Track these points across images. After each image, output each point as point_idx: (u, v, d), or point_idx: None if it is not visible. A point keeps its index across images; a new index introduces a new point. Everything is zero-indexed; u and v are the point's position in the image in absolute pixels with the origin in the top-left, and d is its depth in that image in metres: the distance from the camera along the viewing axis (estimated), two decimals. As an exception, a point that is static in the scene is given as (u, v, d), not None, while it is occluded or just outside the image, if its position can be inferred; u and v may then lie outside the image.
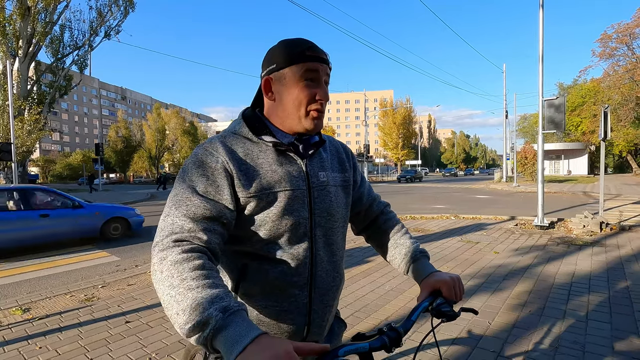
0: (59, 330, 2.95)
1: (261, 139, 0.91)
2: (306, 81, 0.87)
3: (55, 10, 16.37)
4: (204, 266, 0.72)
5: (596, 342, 2.54)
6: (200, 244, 0.76)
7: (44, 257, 5.91)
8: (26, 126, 14.80)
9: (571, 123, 34.75)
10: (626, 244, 5.57)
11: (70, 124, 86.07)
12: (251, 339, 0.60)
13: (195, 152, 0.87)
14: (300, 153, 0.94)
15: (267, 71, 0.91)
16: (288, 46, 0.89)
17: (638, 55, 28.15)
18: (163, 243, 0.75)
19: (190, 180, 0.82)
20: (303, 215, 0.91)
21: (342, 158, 1.07)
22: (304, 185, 0.92)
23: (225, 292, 0.68)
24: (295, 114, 0.89)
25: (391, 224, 1.15)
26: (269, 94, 0.92)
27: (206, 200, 0.81)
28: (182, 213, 0.79)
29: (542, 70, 7.38)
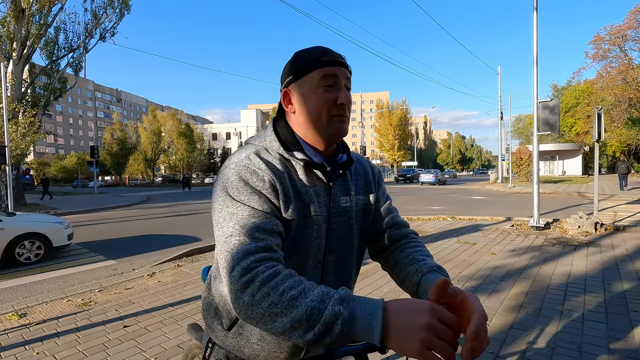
0: (57, 335, 2.93)
1: (292, 155, 0.86)
2: (325, 87, 0.84)
3: (49, 13, 16.27)
4: (291, 274, 0.69)
5: (592, 342, 2.57)
6: (276, 257, 0.73)
7: (39, 261, 5.86)
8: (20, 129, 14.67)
9: (565, 124, 35.07)
10: (621, 244, 5.63)
11: (64, 126, 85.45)
12: (382, 312, 0.60)
13: (235, 169, 0.81)
14: (328, 174, 0.89)
15: (285, 83, 0.88)
16: (302, 55, 0.86)
17: (630, 57, 28.47)
18: (242, 266, 0.68)
19: (243, 198, 0.77)
20: (319, 242, 0.87)
21: (369, 179, 1.02)
22: (325, 211, 0.88)
23: (326, 288, 0.66)
24: (318, 122, 0.85)
25: (413, 249, 0.97)
26: (289, 106, 0.89)
27: (266, 215, 0.77)
28: (249, 231, 0.73)
29: (537, 72, 7.45)
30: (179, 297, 3.79)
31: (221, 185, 0.80)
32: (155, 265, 5.18)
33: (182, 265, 5.09)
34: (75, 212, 13.38)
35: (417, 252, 0.95)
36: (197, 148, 52.74)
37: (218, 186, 0.81)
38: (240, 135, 63.55)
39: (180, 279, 4.44)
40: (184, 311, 3.39)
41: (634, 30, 27.22)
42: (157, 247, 6.85)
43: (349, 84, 0.88)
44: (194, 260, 5.37)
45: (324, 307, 0.62)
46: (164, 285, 4.20)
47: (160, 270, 4.85)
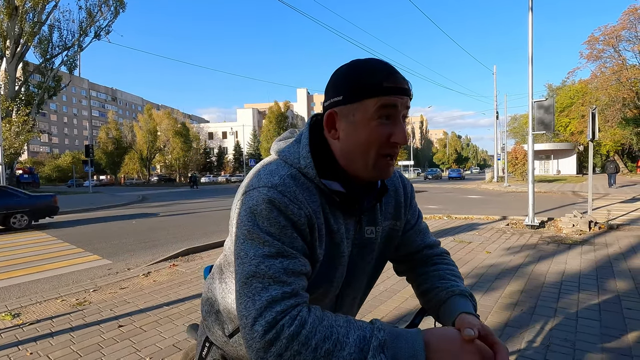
0: (50, 335, 2.90)
1: (327, 186, 0.74)
2: (380, 119, 0.71)
3: (43, 10, 16.13)
4: (320, 319, 0.61)
5: (586, 339, 2.59)
6: (302, 302, 0.64)
7: (33, 261, 5.81)
8: (14, 128, 14.55)
9: (560, 124, 35.29)
10: (614, 243, 5.68)
11: (59, 125, 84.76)
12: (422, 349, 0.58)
13: (267, 193, 0.68)
14: (362, 207, 0.80)
15: (331, 103, 0.74)
16: (360, 74, 0.71)
17: (624, 57, 28.75)
18: (266, 320, 0.59)
19: (273, 231, 0.66)
20: (340, 279, 0.81)
21: (399, 201, 0.91)
22: (350, 244, 0.80)
23: (359, 327, 0.61)
24: (362, 159, 0.73)
25: (445, 266, 0.91)
26: (332, 131, 0.76)
27: (295, 254, 0.67)
28: (275, 273, 0.63)
29: (532, 72, 7.50)
30: (175, 296, 3.77)
31: (249, 209, 0.68)
32: (151, 265, 5.16)
33: (177, 264, 5.07)
34: (70, 212, 13.27)
35: (449, 270, 0.89)
36: (193, 147, 52.59)
37: (244, 208, 0.69)
38: (236, 134, 63.43)
39: (176, 278, 4.42)
40: (180, 310, 3.37)
41: (628, 30, 27.48)
42: (152, 246, 6.82)
43: (407, 113, 0.75)
44: (189, 260, 5.35)
45: (363, 357, 0.57)
46: (160, 284, 4.18)
47: (155, 269, 4.83)
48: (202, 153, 55.96)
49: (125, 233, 8.33)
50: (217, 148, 63.36)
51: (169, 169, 54.63)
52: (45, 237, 8.14)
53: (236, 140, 62.52)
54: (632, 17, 26.89)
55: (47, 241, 7.63)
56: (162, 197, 21.56)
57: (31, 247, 7.08)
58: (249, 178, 0.75)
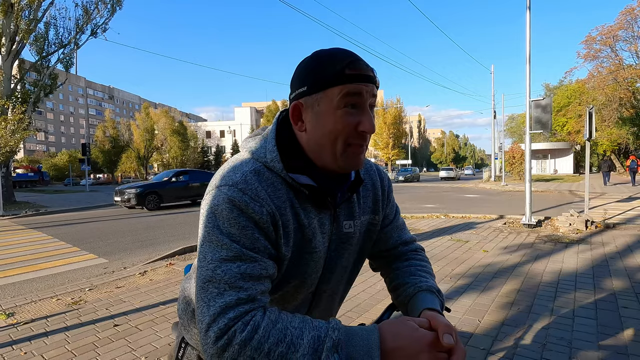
0: (45, 335, 2.88)
1: (295, 180, 0.73)
2: (345, 108, 0.69)
3: (39, 7, 15.99)
4: (273, 322, 0.61)
5: (582, 338, 2.59)
6: (258, 307, 0.64)
7: (29, 260, 5.77)
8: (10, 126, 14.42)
9: (557, 123, 35.41)
10: (611, 242, 5.70)
11: (55, 123, 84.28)
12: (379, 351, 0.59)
13: (228, 195, 0.66)
14: (335, 199, 0.78)
15: (296, 94, 0.73)
16: (323, 63, 0.70)
17: (621, 57, 28.84)
18: (219, 327, 0.59)
19: (233, 231, 0.65)
20: (315, 275, 0.79)
21: (377, 195, 0.90)
22: (327, 240, 0.79)
23: (314, 327, 0.61)
24: (330, 150, 0.71)
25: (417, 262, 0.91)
26: (299, 123, 0.74)
27: (255, 257, 0.65)
28: (231, 279, 0.63)
29: (530, 71, 7.51)
30: (171, 295, 3.75)
31: (210, 209, 0.67)
32: (147, 264, 5.13)
33: (174, 263, 5.05)
34: (67, 211, 13.21)
35: (420, 267, 0.90)
36: (191, 146, 52.39)
37: (206, 208, 0.68)
38: (234, 133, 63.29)
39: (172, 277, 4.40)
40: (176, 309, 3.35)
41: (625, 30, 27.58)
42: (149, 245, 6.79)
43: (374, 102, 0.73)
44: (186, 259, 5.33)
45: (317, 358, 0.58)
46: (156, 283, 4.16)
47: (152, 268, 4.81)
48: (199, 152, 55.74)
49: (121, 232, 8.30)
50: (214, 147, 63.18)
51: (167, 167, 54.42)
52: (41, 236, 8.09)
53: (234, 139, 62.38)
54: (628, 17, 26.99)
55: (43, 240, 7.58)
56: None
57: (27, 246, 7.04)
58: (214, 176, 0.74)
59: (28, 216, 11.80)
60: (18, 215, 11.64)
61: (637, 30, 27.36)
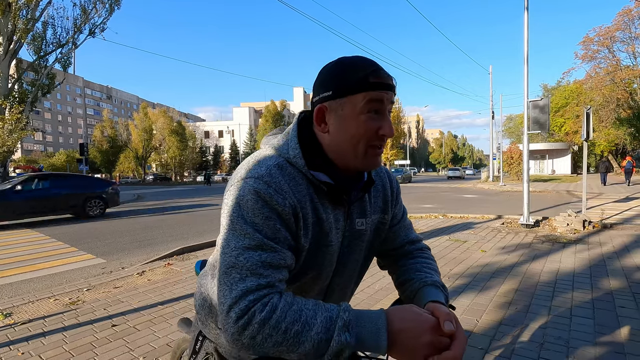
0: (43, 335, 2.87)
1: (315, 177, 0.78)
2: (368, 113, 0.74)
3: (37, 7, 15.94)
4: (289, 304, 0.66)
5: (580, 337, 2.60)
6: (275, 293, 0.68)
7: (26, 260, 5.75)
8: (7, 126, 14.36)
9: (555, 124, 35.52)
10: (608, 242, 5.73)
11: (53, 123, 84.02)
12: (386, 332, 0.64)
13: (254, 186, 0.71)
14: (349, 197, 0.83)
15: (321, 98, 0.77)
16: (347, 70, 0.75)
17: (618, 58, 28.99)
18: (240, 308, 0.64)
19: (257, 221, 0.69)
20: (329, 268, 0.84)
21: (387, 195, 0.95)
22: (340, 236, 0.84)
23: (327, 309, 0.66)
24: (352, 151, 0.77)
25: (423, 259, 0.96)
26: (322, 125, 0.78)
27: (276, 248, 0.70)
28: (253, 265, 0.67)
29: (527, 72, 7.53)
30: (169, 295, 3.75)
31: (236, 199, 0.72)
32: (145, 264, 5.12)
33: (172, 263, 5.04)
34: (64, 211, 13.14)
35: (426, 264, 0.94)
36: (189, 146, 52.28)
37: (231, 199, 0.73)
38: (232, 133, 63.18)
39: (171, 277, 4.39)
40: (174, 310, 3.35)
41: (622, 31, 27.70)
42: (147, 245, 6.77)
43: (391, 108, 0.79)
44: (184, 259, 5.32)
45: (329, 336, 0.63)
46: (154, 283, 4.16)
47: (150, 268, 4.80)
48: (198, 152, 55.65)
49: (119, 232, 8.27)
50: (213, 147, 63.10)
51: (165, 167, 54.30)
52: (39, 236, 8.06)
53: (232, 139, 62.30)
54: (626, 18, 27.11)
55: (41, 240, 7.55)
56: (157, 195, 21.44)
57: (24, 246, 7.01)
58: (239, 169, 0.78)
59: (25, 216, 11.72)
60: (15, 216, 11.57)
61: (634, 32, 27.50)
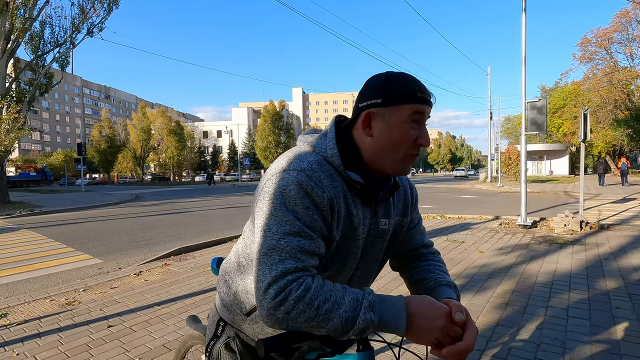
0: (38, 335, 2.86)
1: (349, 175, 0.85)
2: (411, 123, 0.83)
3: (35, 6, 15.86)
4: (322, 285, 0.73)
5: (576, 338, 2.61)
6: (309, 276, 0.75)
7: (22, 260, 5.73)
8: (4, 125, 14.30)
9: (553, 124, 35.63)
10: (605, 243, 5.75)
11: (51, 123, 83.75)
12: (405, 314, 0.72)
13: (297, 178, 0.78)
14: (377, 198, 0.91)
15: (370, 104, 0.84)
16: (398, 83, 0.83)
17: (616, 59, 29.13)
18: (279, 285, 0.71)
19: (298, 210, 0.76)
20: (353, 261, 0.92)
21: (408, 200, 1.04)
22: (366, 232, 0.91)
23: (353, 292, 0.74)
24: (391, 156, 0.85)
25: (435, 262, 1.04)
26: (367, 128, 0.85)
27: (313, 236, 0.77)
28: (292, 249, 0.74)
29: (525, 72, 7.55)
30: (166, 296, 3.73)
31: (279, 188, 0.78)
32: (142, 264, 5.11)
33: (169, 264, 5.03)
34: (62, 211, 13.12)
35: (438, 266, 1.02)
36: (188, 146, 52.19)
37: (273, 188, 0.79)
38: (231, 133, 63.12)
39: (168, 277, 4.38)
40: (170, 310, 3.34)
41: (620, 33, 27.83)
42: (144, 245, 6.76)
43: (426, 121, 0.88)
44: (182, 259, 5.31)
45: (356, 315, 0.71)
46: (151, 284, 4.14)
47: (147, 269, 4.78)
48: (196, 152, 55.57)
49: (117, 232, 8.25)
50: (211, 147, 63.02)
51: (163, 167, 54.19)
52: (35, 236, 8.03)
53: (231, 139, 62.25)
54: (623, 19, 27.24)
55: (37, 240, 7.53)
56: (156, 195, 21.39)
57: (21, 246, 6.98)
58: (279, 161, 0.85)
59: (22, 216, 11.70)
60: (12, 215, 11.54)
61: (631, 33, 27.63)
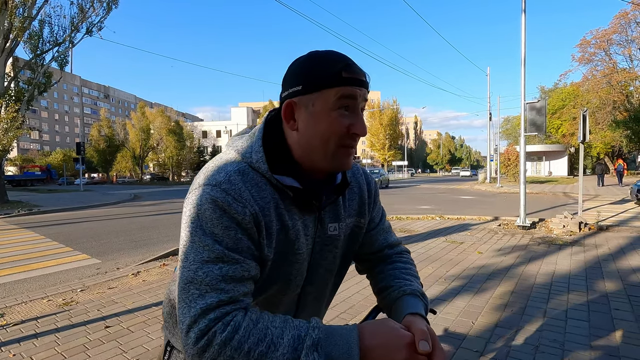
0: (35, 336, 2.84)
1: (280, 182, 0.72)
2: (340, 110, 0.70)
3: (34, 5, 15.83)
4: (254, 322, 0.62)
5: (575, 340, 2.60)
6: (240, 307, 0.64)
7: (20, 260, 5.71)
8: (3, 124, 14.27)
9: (552, 125, 35.70)
10: (603, 244, 5.75)
11: (50, 122, 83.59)
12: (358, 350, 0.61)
13: (211, 194, 0.66)
14: (320, 202, 0.77)
15: (290, 93, 0.72)
16: (320, 64, 0.70)
17: (615, 60, 29.21)
18: (199, 328, 0.60)
19: (216, 232, 0.65)
20: (299, 277, 0.80)
21: (364, 198, 0.89)
22: (310, 242, 0.79)
23: (295, 327, 0.62)
24: (321, 150, 0.72)
25: (402, 264, 0.92)
26: (291, 122, 0.73)
27: (238, 259, 0.65)
28: (213, 280, 0.63)
29: (525, 73, 7.55)
30: (164, 296, 3.71)
31: (194, 209, 0.67)
32: (140, 264, 5.09)
33: (167, 264, 5.01)
34: (60, 210, 13.09)
35: (405, 269, 0.90)
36: (187, 146, 52.14)
37: (189, 208, 0.68)
38: (230, 133, 63.09)
39: (166, 278, 4.36)
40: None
41: (619, 34, 27.90)
42: (143, 245, 6.74)
43: (365, 105, 0.74)
44: (180, 259, 5.29)
45: (297, 356, 0.59)
46: (149, 284, 4.13)
47: (145, 269, 4.77)
48: (195, 152, 55.49)
49: (115, 232, 8.23)
50: (211, 147, 62.94)
51: (162, 167, 54.13)
52: (33, 235, 8.00)
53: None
54: (622, 21, 27.30)
55: (35, 240, 7.50)
56: (154, 195, 21.36)
57: (18, 246, 6.96)
58: (199, 174, 0.73)
59: (20, 215, 11.66)
60: (10, 215, 11.51)
61: (630, 35, 27.71)
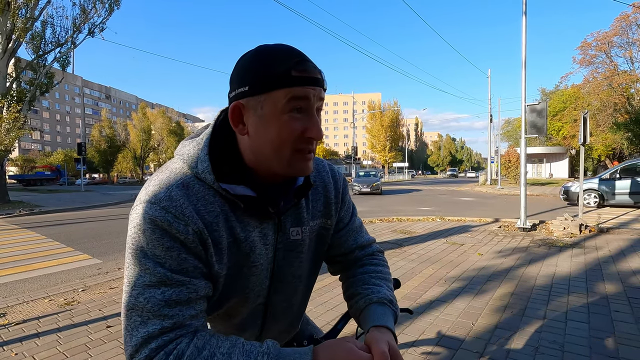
0: (37, 336, 2.85)
1: (229, 192, 0.67)
2: (291, 113, 0.64)
3: (36, 6, 15.91)
4: (199, 349, 0.59)
5: (575, 342, 2.61)
6: (186, 333, 0.61)
7: (21, 260, 5.72)
8: (5, 124, 14.32)
9: (553, 127, 35.68)
10: (604, 246, 5.75)
11: (51, 122, 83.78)
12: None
13: (149, 213, 0.61)
14: (278, 207, 0.72)
15: (237, 94, 0.65)
16: (267, 61, 0.63)
17: (616, 62, 29.16)
18: (140, 357, 0.58)
19: (158, 253, 0.60)
20: (259, 288, 0.75)
21: (329, 198, 0.83)
22: (271, 251, 0.74)
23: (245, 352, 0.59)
24: (275, 156, 0.66)
25: (373, 267, 0.86)
26: (239, 126, 0.67)
27: (183, 281, 0.61)
28: (154, 306, 0.59)
29: (525, 75, 7.56)
30: (165, 296, 3.73)
31: (134, 229, 0.62)
32: (142, 265, 5.10)
33: (169, 264, 5.03)
34: (61, 210, 13.11)
35: (375, 273, 0.84)
36: (188, 146, 52.21)
37: (130, 228, 0.63)
38: (231, 134, 63.10)
39: (167, 278, 4.37)
40: (170, 311, 3.33)
41: (620, 37, 27.90)
42: (144, 246, 6.74)
43: (322, 105, 0.68)
44: (181, 260, 5.31)
45: None
46: (150, 284, 4.14)
47: (146, 269, 4.78)
48: (196, 152, 55.55)
49: (116, 232, 8.24)
50: (211, 147, 62.94)
51: (163, 168, 54.20)
52: (35, 235, 8.02)
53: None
54: (623, 23, 27.31)
55: (36, 240, 7.52)
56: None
57: (19, 246, 6.98)
58: (144, 186, 0.68)
59: (21, 215, 11.69)
60: (12, 215, 11.54)
61: (631, 37, 27.69)
